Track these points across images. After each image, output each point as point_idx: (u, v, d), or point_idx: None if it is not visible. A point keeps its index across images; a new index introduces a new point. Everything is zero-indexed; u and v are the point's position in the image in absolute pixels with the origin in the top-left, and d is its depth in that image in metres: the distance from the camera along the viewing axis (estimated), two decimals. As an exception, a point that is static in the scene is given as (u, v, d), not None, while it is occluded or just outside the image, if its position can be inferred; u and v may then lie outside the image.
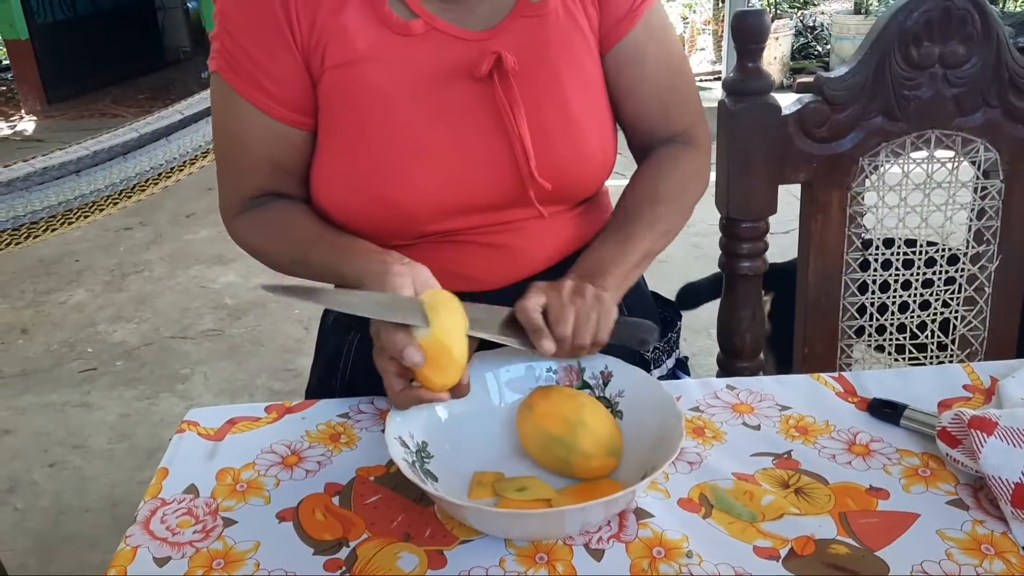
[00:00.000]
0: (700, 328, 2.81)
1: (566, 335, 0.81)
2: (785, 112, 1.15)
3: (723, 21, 6.64)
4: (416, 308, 0.78)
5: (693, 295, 1.74)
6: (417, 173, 0.90)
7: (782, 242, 1.62)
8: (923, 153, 1.19)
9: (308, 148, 0.94)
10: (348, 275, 0.85)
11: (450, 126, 0.90)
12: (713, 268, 1.35)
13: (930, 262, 1.24)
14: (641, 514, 0.77)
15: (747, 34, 1.12)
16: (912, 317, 1.26)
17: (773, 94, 1.16)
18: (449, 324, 0.78)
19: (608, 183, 1.04)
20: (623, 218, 0.97)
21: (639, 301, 1.10)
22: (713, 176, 1.19)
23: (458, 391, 0.80)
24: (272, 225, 0.94)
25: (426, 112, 0.89)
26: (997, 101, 1.16)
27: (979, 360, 1.26)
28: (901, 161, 1.20)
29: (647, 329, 0.88)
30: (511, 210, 0.94)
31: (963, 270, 1.24)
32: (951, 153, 1.20)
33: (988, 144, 1.18)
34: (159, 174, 2.71)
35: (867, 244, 1.23)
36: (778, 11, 8.11)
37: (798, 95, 1.18)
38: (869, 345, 1.27)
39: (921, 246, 1.23)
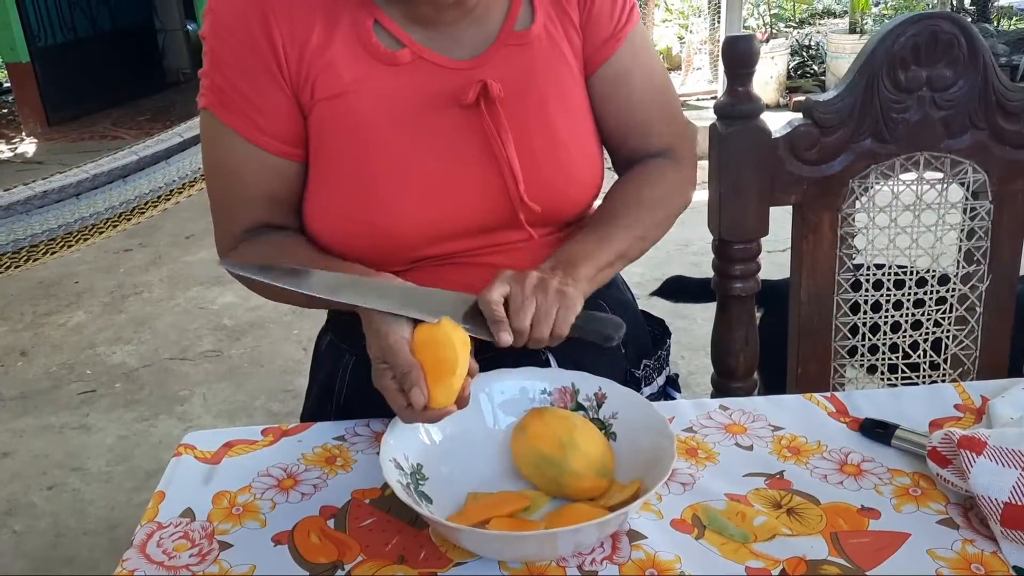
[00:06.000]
0: (699, 346, 2.82)
1: (524, 328, 0.81)
2: (775, 135, 1.17)
3: (719, 41, 6.69)
4: (415, 302, 0.81)
5: (677, 289, 1.73)
6: (408, 200, 0.91)
7: (778, 260, 1.63)
8: (912, 175, 1.20)
9: (300, 179, 0.95)
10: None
11: (439, 153, 0.92)
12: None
13: (921, 282, 1.25)
14: (634, 535, 0.78)
15: (737, 59, 1.14)
16: (904, 337, 1.27)
17: (769, 112, 1.17)
18: (454, 336, 0.79)
19: (596, 204, 1.05)
20: (604, 217, 0.98)
21: (628, 318, 1.11)
22: (705, 197, 1.21)
23: (461, 402, 0.79)
24: (268, 254, 0.95)
25: (415, 140, 0.91)
26: (985, 123, 1.18)
27: (972, 379, 1.26)
28: (891, 183, 1.21)
29: (613, 325, 0.86)
30: (502, 232, 0.96)
31: (954, 290, 1.25)
32: (940, 175, 1.21)
33: (976, 165, 1.20)
34: (159, 196, 2.74)
35: (858, 267, 1.24)
36: (774, 31, 8.17)
37: (792, 116, 1.19)
38: (862, 365, 1.28)
39: (912, 267, 1.24)
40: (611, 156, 1.07)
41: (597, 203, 1.03)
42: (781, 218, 1.21)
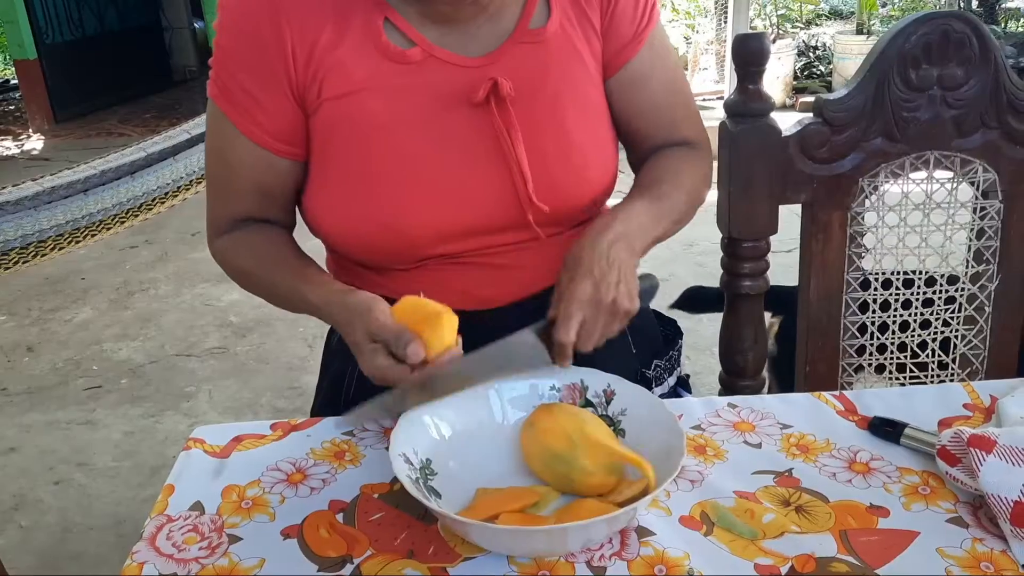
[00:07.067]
0: (703, 347, 2.82)
1: (585, 350, 0.86)
2: (786, 134, 1.17)
3: (725, 42, 6.68)
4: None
5: (698, 301, 1.73)
6: (417, 199, 0.91)
7: (784, 260, 1.63)
8: (922, 174, 1.20)
9: (296, 177, 0.96)
10: (312, 299, 0.88)
11: (449, 152, 0.91)
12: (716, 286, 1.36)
13: (930, 281, 1.25)
14: (643, 532, 0.78)
15: (748, 57, 1.14)
16: (913, 336, 1.26)
17: (775, 114, 1.17)
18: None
19: (608, 203, 1.05)
20: (654, 193, 0.97)
21: (640, 318, 1.11)
22: (715, 196, 1.21)
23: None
24: (249, 247, 0.97)
25: (425, 139, 0.91)
26: (996, 123, 1.18)
27: (980, 379, 1.26)
28: (901, 182, 1.21)
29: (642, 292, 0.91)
30: (510, 232, 0.96)
31: (963, 290, 1.25)
32: (950, 174, 1.21)
33: (987, 165, 1.19)
34: (166, 193, 2.74)
35: (865, 285, 1.23)
36: (780, 31, 8.15)
37: (799, 116, 1.19)
38: (870, 364, 1.28)
39: (922, 267, 1.24)
40: (629, 154, 1.07)
41: (611, 202, 1.03)
42: (784, 219, 1.21)
